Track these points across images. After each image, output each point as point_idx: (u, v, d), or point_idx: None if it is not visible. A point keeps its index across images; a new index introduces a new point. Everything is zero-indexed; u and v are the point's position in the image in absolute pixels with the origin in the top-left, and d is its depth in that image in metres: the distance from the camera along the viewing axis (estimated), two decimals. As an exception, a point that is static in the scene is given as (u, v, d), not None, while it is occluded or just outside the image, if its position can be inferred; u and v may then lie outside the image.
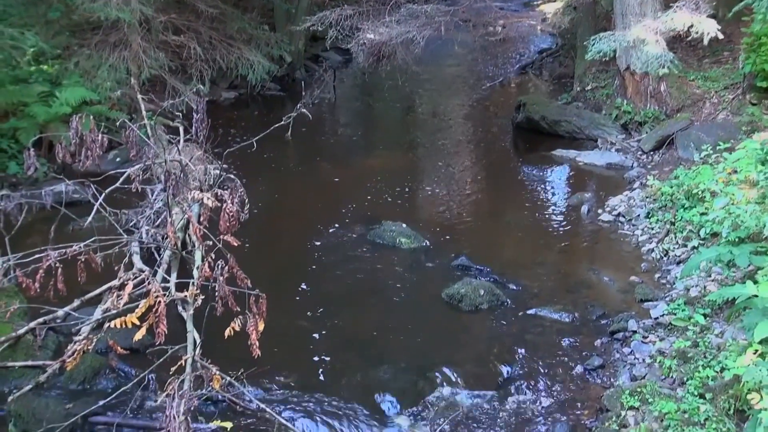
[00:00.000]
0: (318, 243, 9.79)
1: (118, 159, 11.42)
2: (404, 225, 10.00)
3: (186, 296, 5.66)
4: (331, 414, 6.36)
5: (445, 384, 6.83)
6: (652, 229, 9.68)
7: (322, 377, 6.93)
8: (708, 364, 6.43)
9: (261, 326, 5.37)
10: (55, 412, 5.94)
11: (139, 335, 5.35)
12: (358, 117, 17.50)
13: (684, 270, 7.87)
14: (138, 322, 5.25)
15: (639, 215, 10.12)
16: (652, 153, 12.20)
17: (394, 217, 10.34)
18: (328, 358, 7.21)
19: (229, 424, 5.52)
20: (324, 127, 15.51)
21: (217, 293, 5.39)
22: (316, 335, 7.60)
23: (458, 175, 12.85)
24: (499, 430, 6.31)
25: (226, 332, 5.34)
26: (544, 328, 7.77)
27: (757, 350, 5.63)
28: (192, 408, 5.24)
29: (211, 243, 5.81)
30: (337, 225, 10.31)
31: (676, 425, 5.74)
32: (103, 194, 7.14)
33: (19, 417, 5.96)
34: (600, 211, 10.61)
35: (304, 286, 8.65)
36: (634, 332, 7.43)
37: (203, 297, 5.70)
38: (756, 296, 6.22)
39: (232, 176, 6.93)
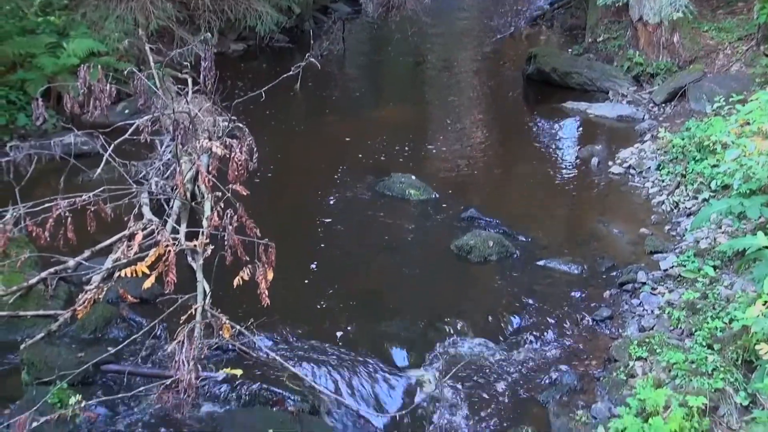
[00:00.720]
0: (327, 194, 9.78)
1: (126, 111, 11.36)
2: (413, 177, 9.97)
3: (195, 245, 5.66)
4: (341, 364, 6.38)
5: (454, 334, 6.86)
6: (663, 181, 9.63)
7: (331, 328, 6.94)
8: (717, 315, 6.43)
9: (270, 275, 5.38)
10: (67, 360, 5.98)
11: (148, 284, 5.36)
12: (367, 69, 17.35)
13: (694, 222, 7.84)
14: (148, 271, 5.25)
15: (650, 167, 10.06)
16: (663, 105, 12.08)
17: (403, 169, 10.31)
18: (337, 309, 7.24)
19: (239, 371, 5.55)
20: (333, 80, 15.39)
21: (226, 242, 5.39)
22: (325, 286, 7.62)
23: (468, 128, 12.78)
24: (508, 380, 6.35)
25: (236, 281, 5.35)
26: (553, 280, 7.77)
27: (766, 301, 5.61)
28: (202, 356, 5.29)
29: (220, 194, 5.81)
30: (346, 176, 10.30)
31: (684, 375, 5.75)
32: (112, 145, 7.13)
33: (32, 365, 6.00)
34: (610, 163, 10.55)
35: (313, 237, 8.65)
36: (643, 284, 7.42)
37: (212, 247, 5.71)
38: (766, 248, 6.20)
39: (240, 125, 6.90)
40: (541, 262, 8.08)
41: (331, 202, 9.60)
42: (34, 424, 5.11)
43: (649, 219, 8.94)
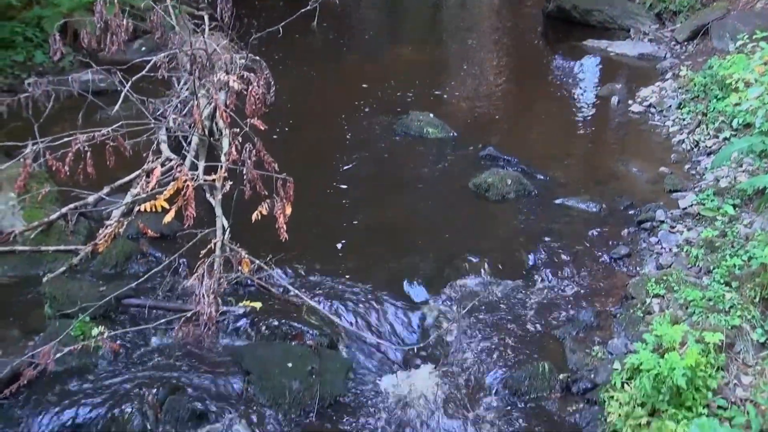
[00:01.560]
0: (345, 131, 9.75)
1: (143, 48, 11.31)
2: (431, 115, 9.91)
3: (214, 180, 5.68)
4: (358, 299, 6.43)
5: (471, 271, 6.88)
6: (683, 119, 9.53)
7: (349, 263, 6.97)
8: (735, 253, 6.40)
9: (288, 210, 5.41)
10: (89, 294, 6.04)
11: (168, 218, 5.41)
12: (385, 8, 17.13)
13: (715, 161, 7.77)
14: (167, 205, 5.29)
15: (670, 106, 9.95)
16: (685, 43, 11.90)
17: (421, 107, 10.24)
18: (355, 245, 7.27)
19: (258, 304, 5.62)
20: (350, 19, 15.23)
21: (245, 177, 5.40)
22: (342, 222, 7.64)
23: (486, 67, 12.65)
24: (524, 316, 6.38)
25: (254, 216, 5.38)
26: (571, 218, 7.76)
27: (786, 239, 5.60)
28: (221, 290, 5.33)
29: (238, 129, 5.80)
30: (363, 114, 10.25)
31: (701, 312, 5.75)
32: (130, 82, 7.11)
33: (54, 299, 6.08)
34: (630, 102, 10.45)
35: (331, 174, 8.64)
36: (662, 222, 7.40)
37: (231, 183, 5.72)
38: (787, 185, 6.15)
39: (257, 58, 6.85)
40: (559, 201, 8.06)
41: (349, 139, 9.57)
42: (58, 355, 5.21)
43: (669, 158, 8.87)
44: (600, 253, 7.15)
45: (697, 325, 5.61)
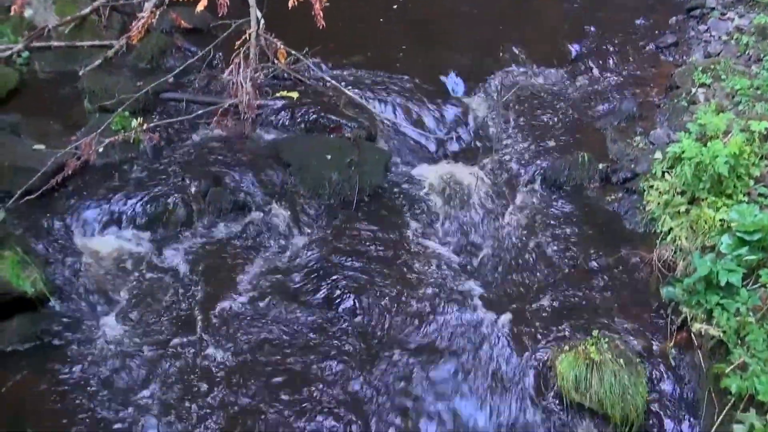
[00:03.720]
0: None
1: None
2: None
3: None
4: (397, 92, 6.34)
5: (512, 62, 6.74)
6: None
7: (386, 56, 6.81)
8: (789, 40, 6.16)
9: (324, -5, 5.21)
10: (126, 88, 6.01)
11: (200, 6, 5.26)
12: None
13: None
14: (200, -6, 5.13)
15: None
16: None
17: None
18: (392, 38, 7.09)
19: (295, 94, 5.56)
20: None
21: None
22: (380, 15, 7.42)
23: None
24: (565, 107, 6.28)
25: (290, 3, 5.21)
26: (617, 7, 7.48)
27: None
28: (258, 81, 5.26)
29: None
30: None
31: (747, 101, 5.60)
32: None
33: (93, 93, 6.08)
34: None
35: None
36: (712, 9, 7.08)
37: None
38: None
39: None
40: (605, -12, 7.73)
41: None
42: (100, 147, 5.26)
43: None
44: (646, 43, 6.93)
45: (743, 113, 5.48)
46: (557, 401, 4.12)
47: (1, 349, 4.26)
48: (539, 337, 4.45)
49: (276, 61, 5.78)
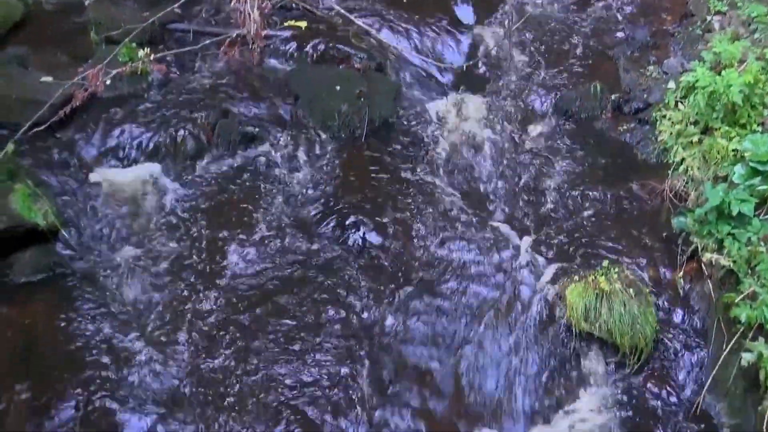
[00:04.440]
0: None
1: None
2: None
3: None
4: (406, 22, 6.25)
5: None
6: None
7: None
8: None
9: None
10: (133, 18, 5.94)
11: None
12: None
13: None
14: None
15: None
16: None
17: None
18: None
19: (303, 24, 5.50)
20: None
21: None
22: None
23: None
24: (578, 36, 6.20)
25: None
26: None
27: None
28: (266, 11, 5.19)
29: None
30: None
31: (764, 29, 5.49)
32: None
33: (99, 24, 6.01)
34: None
35: None
36: (730, -68, 6.90)
37: None
38: None
39: None
40: None
41: None
42: (108, 79, 5.22)
43: None
44: (661, -31, 6.77)
45: (759, 42, 5.37)
46: (566, 331, 4.14)
47: (15, 280, 4.29)
48: (549, 267, 4.46)
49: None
